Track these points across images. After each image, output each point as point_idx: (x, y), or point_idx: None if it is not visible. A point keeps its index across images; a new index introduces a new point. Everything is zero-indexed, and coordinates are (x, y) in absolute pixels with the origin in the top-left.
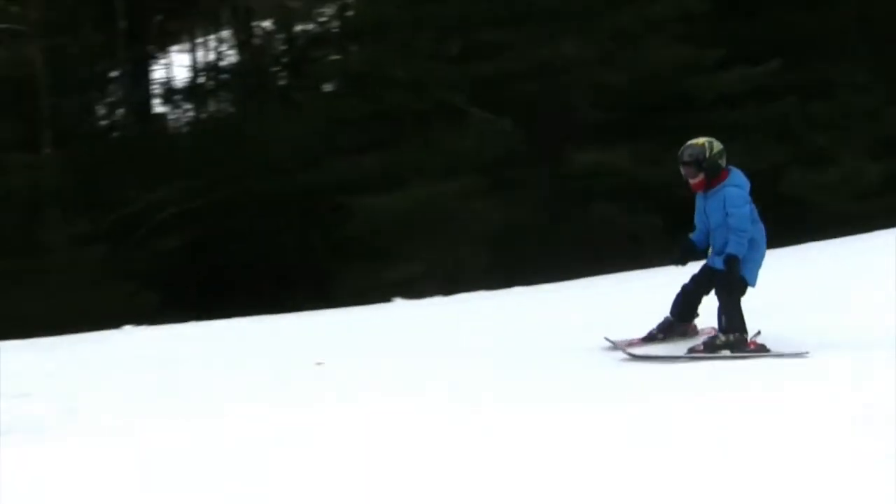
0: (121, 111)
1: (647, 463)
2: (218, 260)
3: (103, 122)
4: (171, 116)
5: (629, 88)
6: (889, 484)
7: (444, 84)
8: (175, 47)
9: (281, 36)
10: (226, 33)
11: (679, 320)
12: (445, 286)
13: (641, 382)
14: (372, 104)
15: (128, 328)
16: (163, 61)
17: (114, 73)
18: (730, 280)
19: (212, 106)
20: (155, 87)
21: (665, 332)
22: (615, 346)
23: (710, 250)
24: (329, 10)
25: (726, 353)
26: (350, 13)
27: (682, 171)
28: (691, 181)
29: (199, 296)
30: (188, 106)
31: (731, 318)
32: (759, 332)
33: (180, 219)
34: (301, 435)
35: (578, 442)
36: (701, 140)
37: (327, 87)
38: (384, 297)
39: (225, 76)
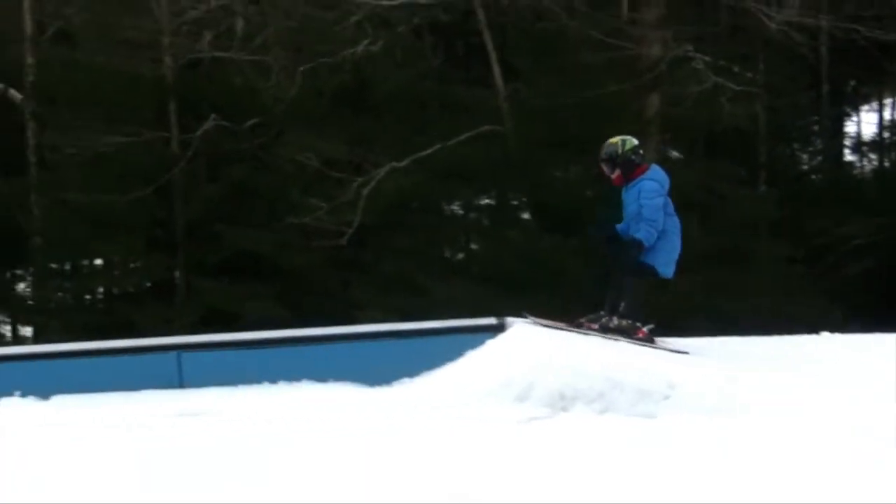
0: (819, 158)
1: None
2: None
3: (805, 167)
4: (858, 164)
5: None
6: None
7: None
8: (865, 107)
9: None
10: None
11: (610, 312)
12: None
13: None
14: None
15: (825, 334)
16: (854, 118)
17: (816, 127)
18: (627, 262)
19: (894, 156)
20: (847, 139)
21: (592, 321)
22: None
23: None
24: None
25: (618, 337)
26: None
27: (602, 168)
28: (610, 176)
29: (880, 313)
30: (873, 156)
31: (630, 305)
32: (653, 325)
33: (865, 249)
34: None
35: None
36: (615, 139)
37: None
38: None
39: None
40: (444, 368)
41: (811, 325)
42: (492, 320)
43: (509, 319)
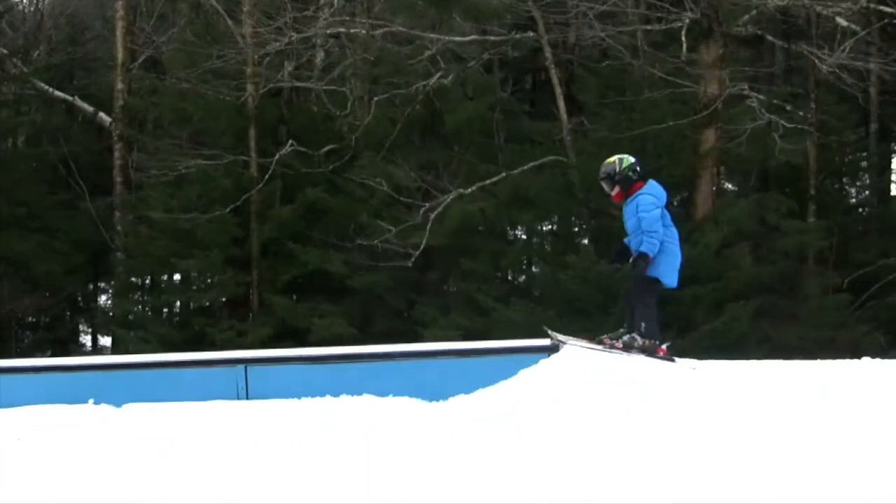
0: (866, 193)
1: None
2: None
3: (853, 201)
4: None
5: None
6: None
7: None
8: None
9: None
10: None
11: (630, 330)
12: None
13: None
14: None
15: (866, 359)
16: None
17: (864, 164)
18: (639, 275)
19: None
20: (894, 175)
21: (613, 339)
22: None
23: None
24: None
25: (640, 354)
26: None
27: (603, 186)
28: (610, 194)
29: None
30: None
31: (649, 324)
32: (669, 343)
33: None
34: None
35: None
36: (612, 158)
37: None
38: None
39: None
40: (499, 386)
41: (855, 352)
42: (546, 341)
43: (563, 339)
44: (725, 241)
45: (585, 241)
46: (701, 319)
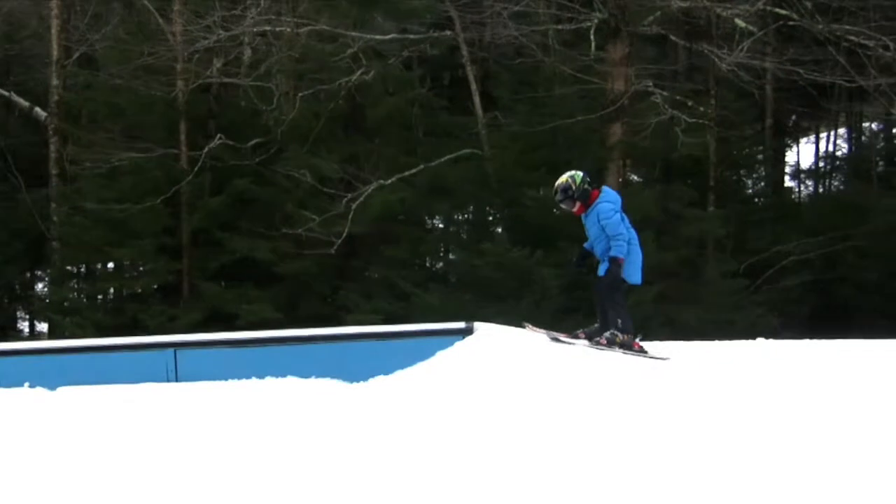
0: (762, 184)
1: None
2: (826, 297)
3: (750, 191)
4: (797, 190)
5: None
6: None
7: None
8: (804, 139)
9: (882, 134)
10: (842, 131)
11: (603, 327)
12: None
13: None
14: None
15: (760, 340)
16: (794, 149)
17: (760, 156)
18: (612, 278)
19: (828, 183)
20: (787, 167)
21: (588, 335)
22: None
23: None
24: None
25: (619, 349)
26: None
27: (563, 207)
28: (573, 210)
29: (811, 322)
30: (810, 183)
31: (624, 320)
32: (640, 336)
33: (800, 265)
34: None
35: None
36: (564, 177)
37: None
38: None
39: (839, 162)
40: (417, 367)
41: (750, 333)
42: (461, 324)
43: (477, 324)
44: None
45: (500, 230)
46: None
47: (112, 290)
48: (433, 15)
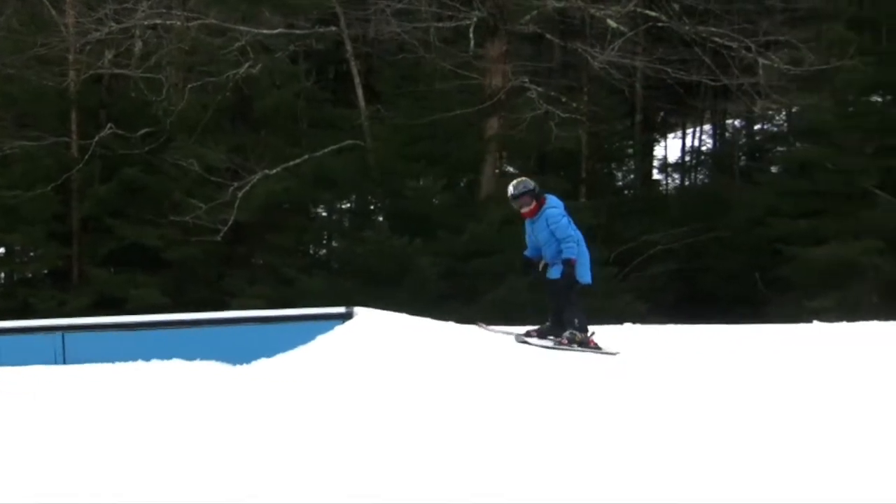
0: (631, 176)
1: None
2: (690, 285)
3: (619, 183)
4: (664, 182)
5: None
6: None
7: (862, 173)
8: (671, 134)
9: (744, 131)
10: (707, 127)
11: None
12: (848, 317)
13: None
14: (808, 185)
15: (627, 325)
16: (661, 144)
17: (629, 150)
18: (568, 279)
19: (693, 177)
20: (655, 161)
21: (539, 333)
22: (488, 330)
23: (547, 266)
24: (782, 116)
25: (577, 347)
26: (796, 120)
27: (516, 204)
28: (525, 210)
29: (676, 308)
30: (676, 176)
31: (580, 319)
32: (594, 333)
33: (666, 254)
34: None
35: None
36: (520, 179)
37: (774, 169)
38: (806, 320)
39: (704, 157)
40: (298, 350)
41: (619, 318)
42: (341, 309)
43: (357, 309)
44: (507, 218)
45: (381, 219)
46: (483, 289)
47: (2, 275)
48: (319, 11)
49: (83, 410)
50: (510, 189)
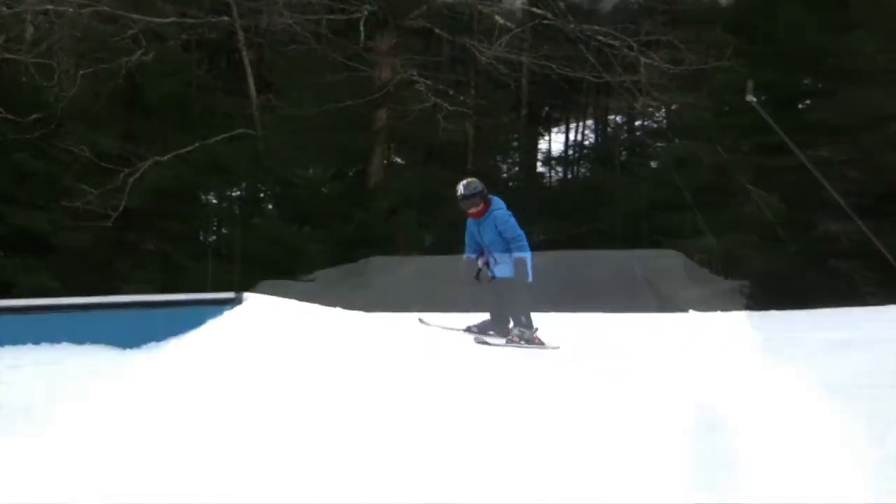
0: (516, 169)
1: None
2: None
3: (505, 175)
4: (548, 175)
5: None
6: None
7: (736, 169)
8: (555, 129)
9: (625, 127)
10: (590, 122)
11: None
12: (722, 307)
13: None
14: (685, 179)
15: None
16: (546, 138)
17: (515, 143)
18: (521, 279)
19: (576, 170)
20: (540, 154)
21: (480, 329)
22: (429, 325)
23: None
24: (662, 113)
25: (525, 344)
26: (675, 117)
27: (465, 204)
28: (473, 210)
29: (558, 298)
30: (560, 169)
31: (528, 318)
32: (537, 329)
33: (549, 245)
34: None
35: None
36: (469, 180)
37: (654, 164)
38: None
39: (586, 151)
40: (188, 334)
41: None
42: (230, 294)
43: (246, 294)
44: (394, 207)
45: (270, 206)
46: (372, 278)
47: None
48: (212, 1)
49: None
50: (460, 189)
